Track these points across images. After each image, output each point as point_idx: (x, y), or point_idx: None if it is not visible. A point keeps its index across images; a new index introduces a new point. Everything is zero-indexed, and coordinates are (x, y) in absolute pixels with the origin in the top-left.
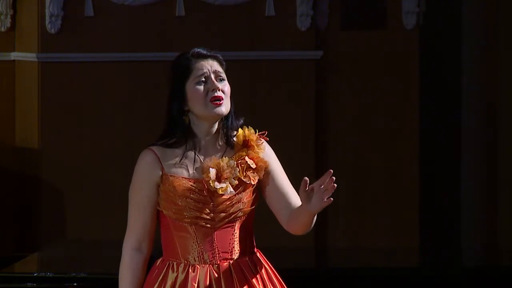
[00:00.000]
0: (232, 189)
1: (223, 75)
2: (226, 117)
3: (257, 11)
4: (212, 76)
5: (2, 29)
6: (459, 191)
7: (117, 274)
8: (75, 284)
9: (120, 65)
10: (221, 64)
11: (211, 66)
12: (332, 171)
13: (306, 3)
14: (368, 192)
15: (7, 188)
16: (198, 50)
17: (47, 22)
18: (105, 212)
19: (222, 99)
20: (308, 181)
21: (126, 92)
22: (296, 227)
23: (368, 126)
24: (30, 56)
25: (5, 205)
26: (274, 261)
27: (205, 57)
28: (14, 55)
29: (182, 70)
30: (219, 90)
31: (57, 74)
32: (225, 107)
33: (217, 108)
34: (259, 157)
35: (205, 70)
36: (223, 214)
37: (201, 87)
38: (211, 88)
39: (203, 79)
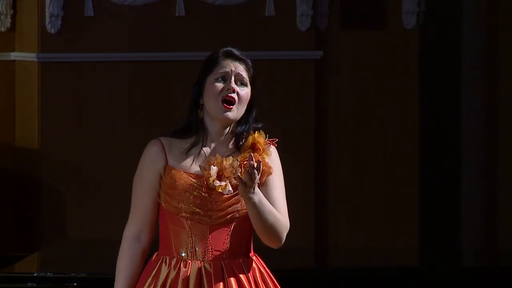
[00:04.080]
0: (231, 189)
1: (246, 81)
2: (239, 122)
3: (257, 11)
4: (233, 77)
5: (2, 29)
6: (459, 191)
7: None
8: (75, 284)
9: (120, 65)
10: (247, 70)
11: (236, 67)
12: (251, 154)
13: (306, 3)
14: (368, 192)
15: (7, 188)
16: (231, 49)
17: (47, 22)
18: (105, 212)
19: (234, 103)
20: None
21: (126, 92)
22: (256, 229)
23: (368, 126)
24: (30, 56)
25: (5, 205)
26: (274, 261)
27: (234, 57)
28: (14, 55)
29: (208, 64)
30: (233, 92)
31: (57, 74)
32: (233, 114)
33: (226, 113)
34: (264, 161)
35: (227, 70)
36: (220, 213)
37: (218, 84)
38: (226, 88)
39: (223, 77)
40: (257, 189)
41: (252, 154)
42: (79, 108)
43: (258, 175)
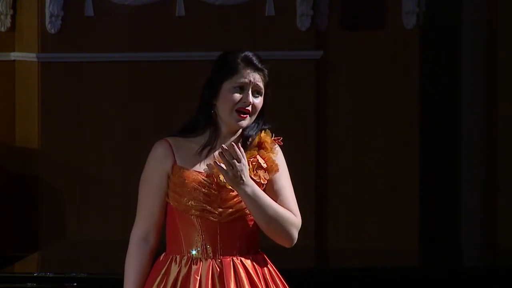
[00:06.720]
0: None
1: (261, 90)
2: (249, 125)
3: (257, 11)
4: (250, 89)
5: (2, 29)
6: (459, 191)
7: (117, 274)
8: (75, 284)
9: (120, 65)
10: (264, 79)
11: (254, 78)
12: (233, 145)
13: (306, 3)
14: (368, 192)
15: (7, 188)
16: (250, 57)
17: (47, 22)
18: (105, 212)
19: (248, 114)
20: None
21: (126, 92)
22: (258, 225)
23: (368, 126)
24: (30, 56)
25: (5, 205)
26: (274, 261)
27: (253, 67)
28: (14, 55)
29: (226, 68)
30: (249, 105)
31: (57, 74)
32: (247, 122)
33: (239, 122)
34: (271, 158)
35: (246, 81)
36: (230, 210)
37: (235, 94)
38: (243, 100)
39: (241, 87)
40: (250, 181)
41: (233, 143)
42: (79, 108)
43: (240, 162)
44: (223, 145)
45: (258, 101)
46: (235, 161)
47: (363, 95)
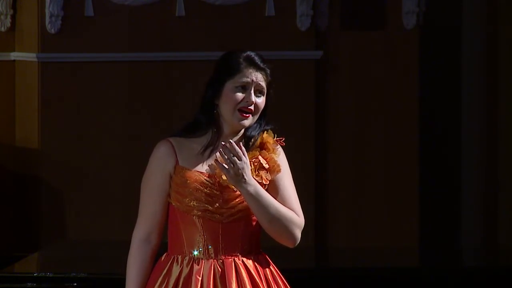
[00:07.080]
0: None
1: (264, 90)
2: (252, 125)
3: (257, 11)
4: (253, 88)
5: (2, 29)
6: (459, 191)
7: (117, 274)
8: (75, 284)
9: (120, 65)
10: (266, 78)
11: (256, 77)
12: (231, 142)
13: (306, 3)
14: (368, 192)
15: (7, 188)
16: (253, 56)
17: (47, 22)
18: (105, 212)
19: (251, 113)
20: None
21: (126, 92)
22: (261, 224)
23: (368, 126)
24: (30, 56)
25: (5, 205)
26: (274, 261)
27: (256, 67)
28: (14, 55)
29: (229, 68)
30: (252, 104)
31: (57, 74)
32: (249, 121)
33: (242, 121)
34: (273, 159)
35: (249, 80)
36: (232, 210)
37: (238, 94)
38: (245, 100)
39: (243, 86)
40: (252, 180)
41: (231, 141)
42: (79, 108)
43: (240, 160)
44: (222, 142)
45: (261, 100)
46: (235, 158)
47: (363, 95)
